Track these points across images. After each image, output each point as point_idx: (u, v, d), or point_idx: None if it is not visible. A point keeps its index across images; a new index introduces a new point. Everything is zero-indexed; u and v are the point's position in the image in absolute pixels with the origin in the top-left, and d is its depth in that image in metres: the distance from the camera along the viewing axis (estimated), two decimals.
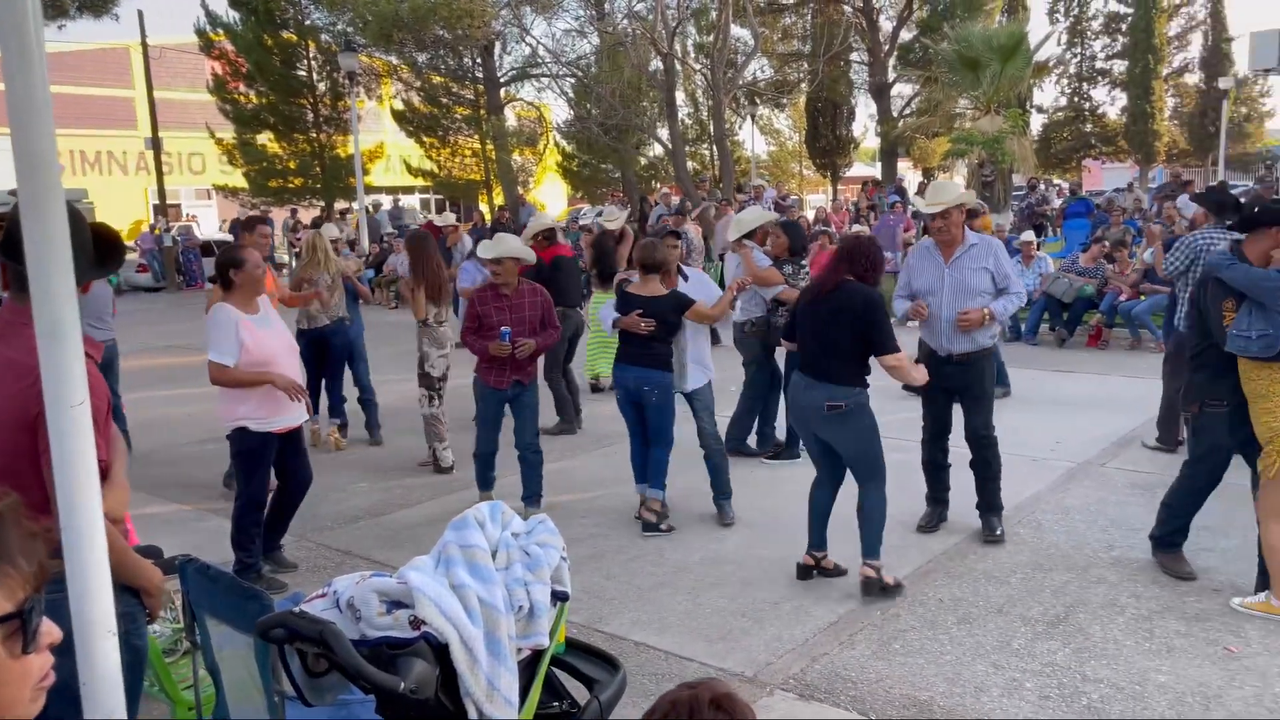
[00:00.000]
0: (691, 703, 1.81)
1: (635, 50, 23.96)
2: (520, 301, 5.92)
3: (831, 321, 4.63)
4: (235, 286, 4.98)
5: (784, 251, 7.14)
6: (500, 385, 5.92)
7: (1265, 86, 35.98)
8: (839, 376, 4.63)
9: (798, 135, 40.74)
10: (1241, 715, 3.56)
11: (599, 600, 4.84)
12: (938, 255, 5.38)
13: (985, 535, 5.44)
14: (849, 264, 4.70)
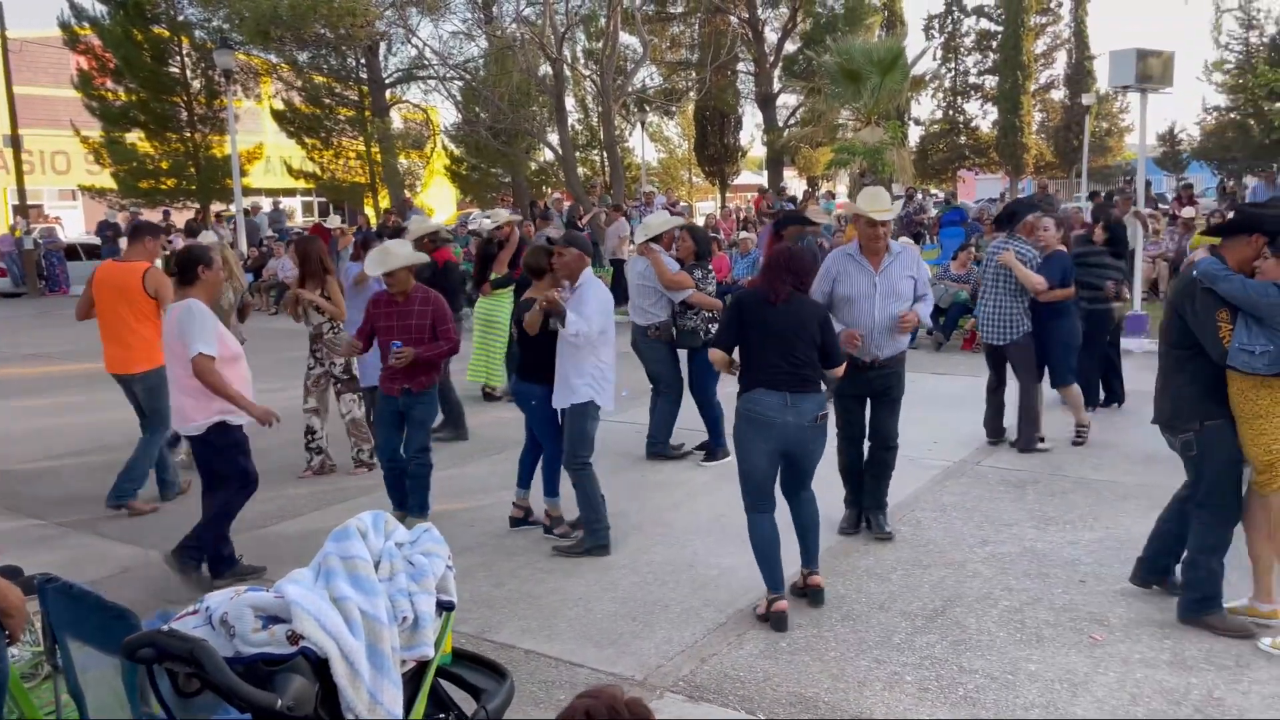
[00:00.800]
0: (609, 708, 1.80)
1: (524, 54, 23.83)
2: (410, 309, 5.86)
3: (798, 333, 4.47)
4: (199, 283, 5.05)
5: (690, 256, 7.19)
6: (390, 392, 5.89)
7: (1124, 103, 38.01)
8: (816, 383, 4.52)
9: (687, 143, 41.21)
10: (1106, 700, 3.75)
11: (488, 609, 4.78)
12: (864, 262, 5.36)
13: (876, 533, 5.57)
14: (793, 275, 4.53)
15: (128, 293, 6.29)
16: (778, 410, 4.41)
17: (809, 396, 4.44)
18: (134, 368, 6.37)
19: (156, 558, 5.59)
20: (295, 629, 2.19)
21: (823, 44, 25.49)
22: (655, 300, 7.12)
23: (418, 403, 5.87)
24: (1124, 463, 6.89)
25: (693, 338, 7.15)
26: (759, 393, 4.45)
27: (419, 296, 5.90)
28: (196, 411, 5.00)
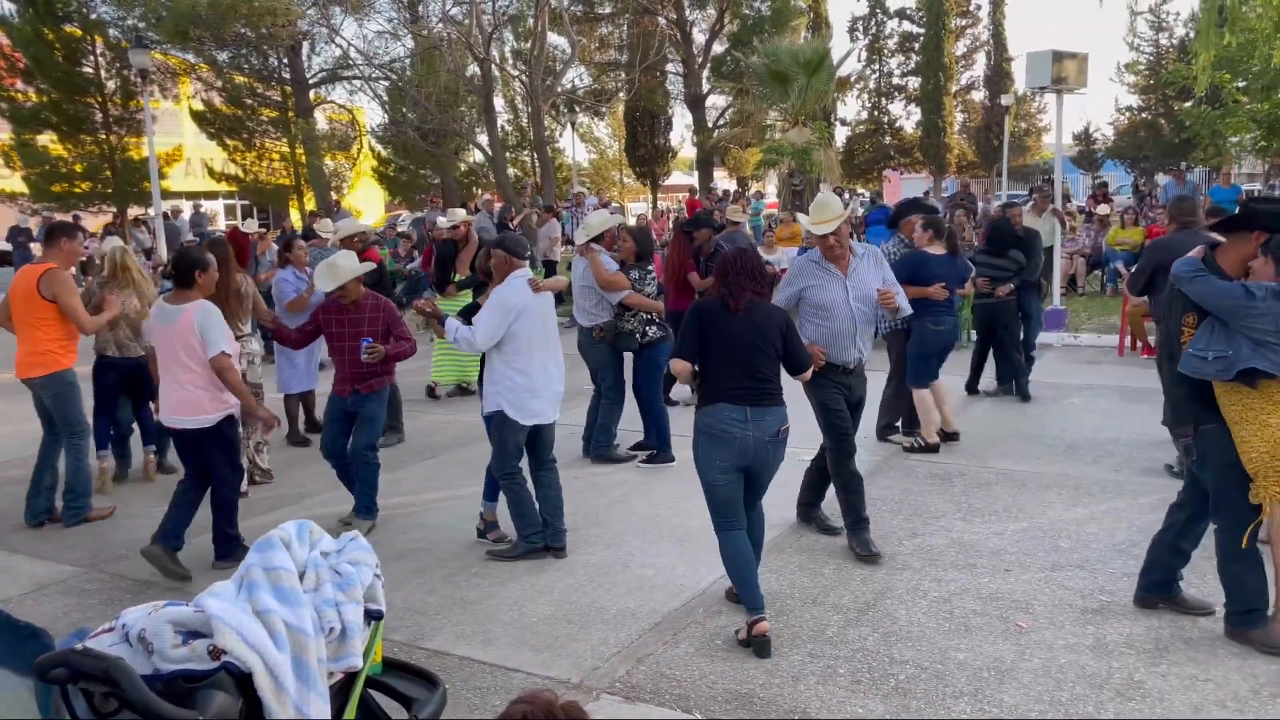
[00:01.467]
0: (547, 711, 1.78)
1: (451, 54, 23.60)
2: (361, 316, 5.94)
3: (758, 344, 4.31)
4: (197, 286, 5.36)
5: (631, 256, 7.16)
6: (341, 393, 6.00)
7: (1041, 104, 39.12)
8: (778, 396, 4.36)
9: (618, 144, 41.24)
10: (1031, 686, 3.84)
11: (421, 616, 4.72)
12: (833, 269, 5.24)
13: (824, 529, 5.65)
14: (752, 280, 4.35)
15: (29, 297, 6.09)
16: (738, 425, 4.26)
17: (770, 410, 4.30)
18: (34, 372, 6.14)
19: (72, 573, 5.42)
20: (217, 643, 2.13)
21: (750, 45, 25.71)
22: (597, 301, 7.08)
23: (366, 402, 5.96)
24: (1046, 454, 7.07)
25: (630, 340, 7.13)
26: (720, 407, 4.29)
27: (369, 304, 5.99)
28: (212, 405, 5.34)
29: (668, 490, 6.56)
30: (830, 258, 5.23)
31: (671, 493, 6.49)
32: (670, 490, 6.55)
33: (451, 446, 7.87)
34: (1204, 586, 4.58)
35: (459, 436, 8.18)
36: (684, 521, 5.91)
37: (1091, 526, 5.56)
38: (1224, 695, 3.70)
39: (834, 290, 5.20)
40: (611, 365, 7.25)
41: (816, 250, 5.32)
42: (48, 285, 6.06)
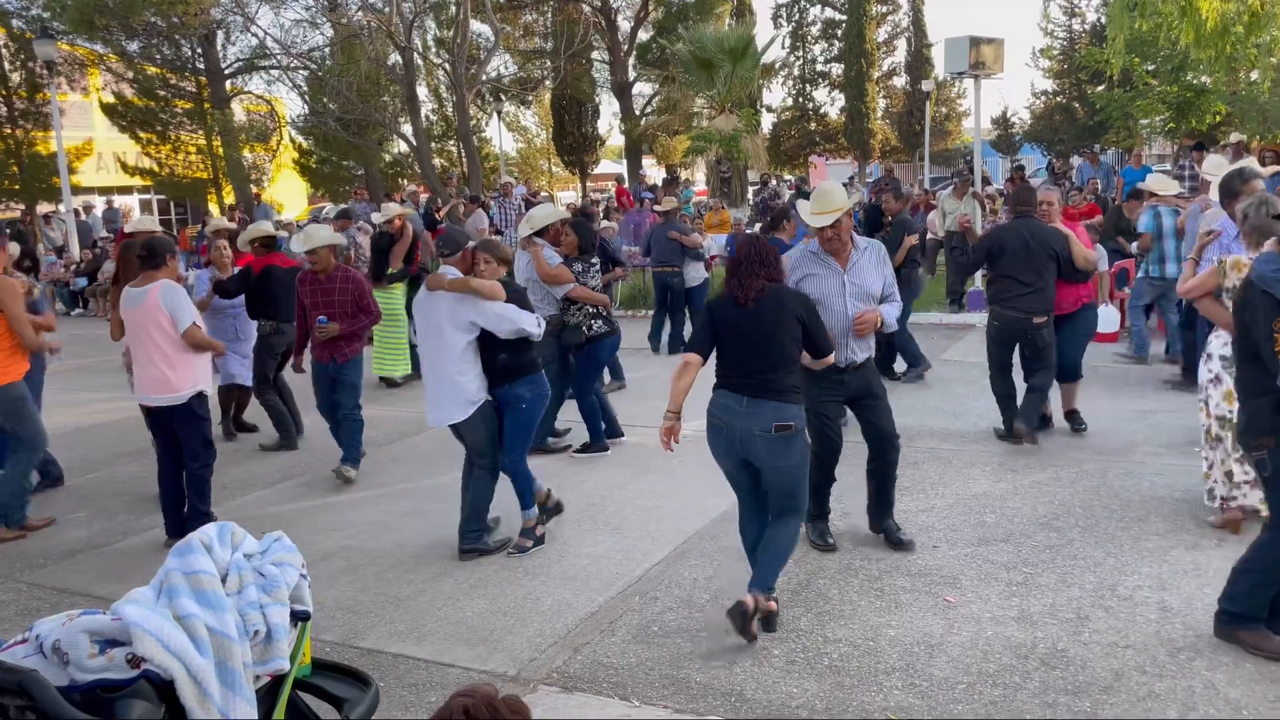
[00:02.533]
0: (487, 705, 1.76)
1: (372, 43, 23.17)
2: (332, 286, 6.69)
3: (772, 330, 4.15)
4: (165, 268, 5.57)
5: (574, 250, 7.09)
6: (321, 359, 6.77)
7: (960, 89, 39.92)
8: (785, 392, 4.15)
9: (545, 133, 41.01)
10: (960, 659, 3.93)
11: (353, 615, 4.65)
12: (831, 262, 4.95)
13: (894, 543, 5.13)
14: (763, 266, 4.21)
15: None
16: (733, 414, 4.18)
17: (769, 404, 4.11)
18: None
19: None
20: (136, 651, 2.07)
21: (675, 32, 25.72)
22: (542, 295, 6.99)
23: (343, 370, 6.77)
24: (970, 432, 7.23)
25: (575, 334, 7.02)
26: (720, 394, 4.27)
27: (340, 275, 6.74)
28: (181, 382, 5.53)
29: (602, 480, 6.56)
30: (829, 250, 4.95)
31: (606, 482, 6.50)
32: (605, 480, 6.56)
33: (382, 442, 7.76)
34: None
35: (391, 432, 8.08)
36: (619, 510, 5.92)
37: (1015, 501, 5.70)
38: (1143, 660, 3.83)
39: (829, 284, 4.93)
40: (557, 359, 7.15)
41: (815, 242, 5.04)
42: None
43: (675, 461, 6.64)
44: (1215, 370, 5.11)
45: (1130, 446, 6.62)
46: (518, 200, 18.57)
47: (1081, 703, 3.56)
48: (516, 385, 5.27)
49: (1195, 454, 6.31)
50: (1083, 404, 7.14)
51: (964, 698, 3.64)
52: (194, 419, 5.61)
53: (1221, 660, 3.79)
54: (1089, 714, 3.48)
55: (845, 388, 5.01)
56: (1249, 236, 4.71)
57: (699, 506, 5.85)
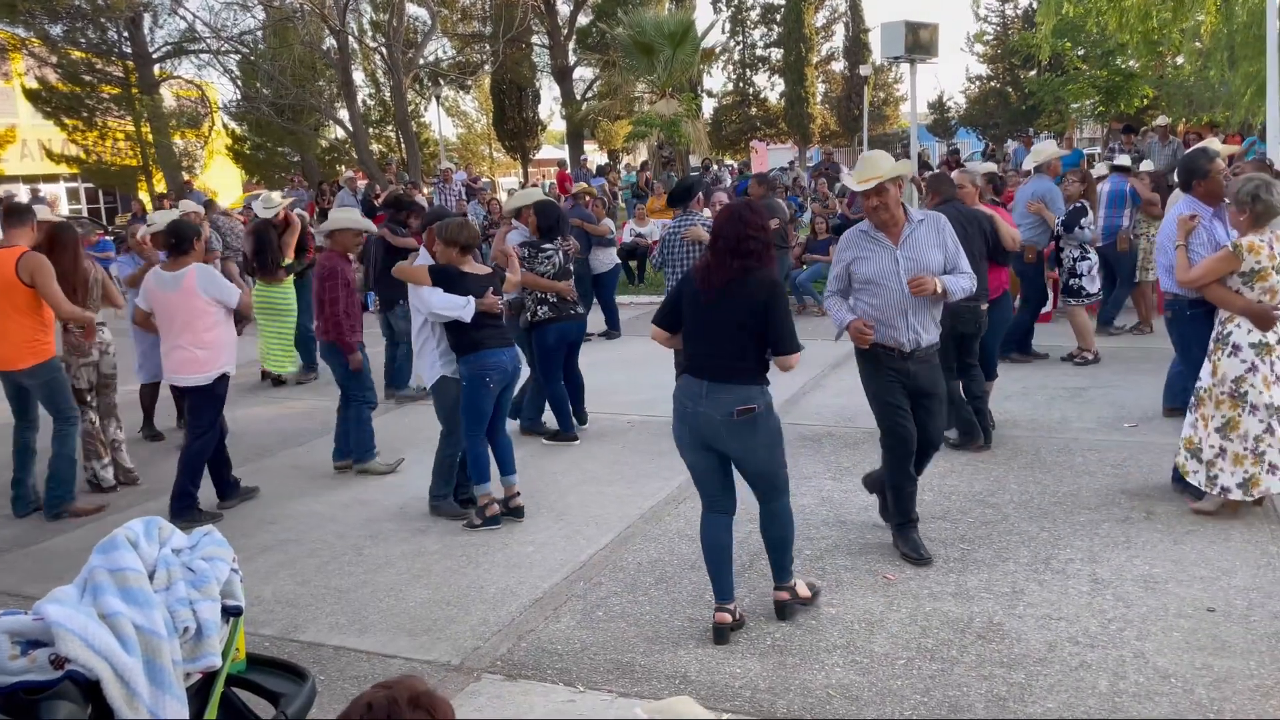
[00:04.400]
0: (389, 703, 1.73)
1: (305, 26, 22.70)
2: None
3: (731, 316, 3.92)
4: (193, 252, 5.81)
5: (535, 232, 6.99)
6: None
7: (898, 74, 40.38)
8: (746, 375, 3.94)
9: (485, 118, 40.62)
10: (899, 635, 3.99)
11: (293, 608, 4.57)
12: (883, 238, 4.55)
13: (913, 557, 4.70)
14: (736, 256, 3.90)
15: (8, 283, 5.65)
16: (693, 399, 3.96)
17: (730, 388, 3.90)
18: (19, 363, 5.78)
19: None
20: (59, 652, 2.01)
21: (614, 17, 25.63)
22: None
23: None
24: None
25: (516, 319, 6.97)
26: (683, 379, 4.05)
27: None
28: (209, 363, 5.74)
29: (545, 467, 6.53)
30: (877, 223, 4.55)
31: (549, 469, 6.48)
32: (548, 467, 6.53)
33: (320, 433, 7.64)
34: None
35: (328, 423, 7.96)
36: (562, 496, 5.91)
37: (952, 479, 5.80)
38: (1075, 632, 3.93)
39: (882, 261, 4.54)
40: (525, 342, 7.10)
41: (867, 220, 4.65)
42: (26, 269, 5.64)
43: (618, 448, 6.66)
44: (1250, 360, 4.83)
45: (1063, 423, 6.78)
46: (458, 186, 18.39)
47: (1016, 674, 3.64)
48: (460, 363, 5.47)
49: (1128, 430, 6.51)
50: (1018, 381, 7.28)
51: (903, 673, 3.70)
52: (211, 399, 5.84)
53: (1150, 630, 3.90)
54: (1023, 684, 3.56)
55: (911, 379, 4.59)
56: (1258, 218, 4.74)
57: (642, 491, 5.86)
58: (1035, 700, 3.47)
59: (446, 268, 5.44)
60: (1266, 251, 4.76)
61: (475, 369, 5.40)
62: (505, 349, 5.50)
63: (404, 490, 6.19)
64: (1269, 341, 4.81)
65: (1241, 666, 3.60)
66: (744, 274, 3.90)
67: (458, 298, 5.33)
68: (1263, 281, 4.78)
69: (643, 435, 7.07)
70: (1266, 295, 4.80)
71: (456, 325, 5.38)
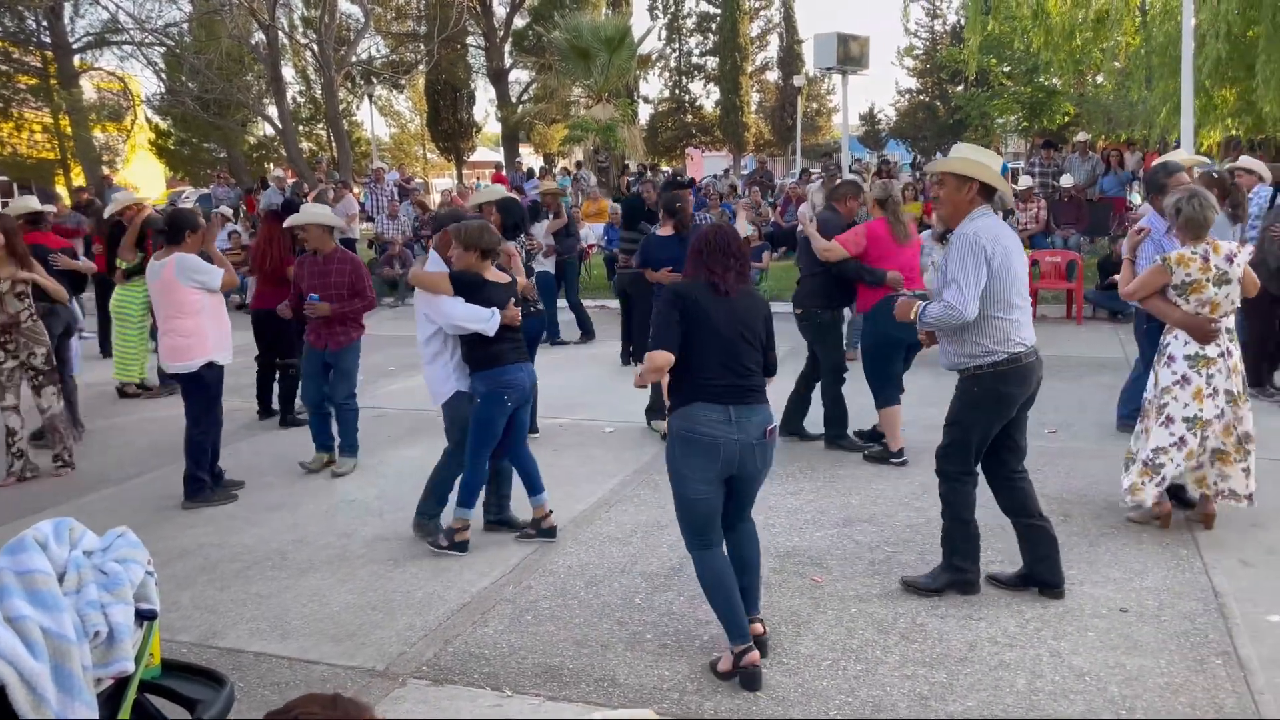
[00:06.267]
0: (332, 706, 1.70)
1: (233, 19, 22.19)
2: (329, 267, 6.53)
3: (747, 330, 3.71)
4: (185, 244, 5.87)
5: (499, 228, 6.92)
6: (316, 345, 6.56)
7: (830, 85, 41.00)
8: (763, 392, 3.77)
9: (419, 118, 40.19)
10: (825, 636, 4.04)
11: (212, 614, 4.46)
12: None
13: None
14: (737, 259, 3.76)
15: None
16: (720, 427, 3.63)
17: (757, 409, 3.70)
18: None
19: None
20: None
21: (551, 20, 25.60)
22: None
23: (340, 357, 6.56)
24: None
25: None
26: (697, 408, 3.65)
27: (338, 256, 6.59)
28: (193, 351, 5.81)
29: None
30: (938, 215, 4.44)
31: None
32: None
33: (243, 436, 7.48)
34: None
35: (253, 425, 7.79)
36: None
37: (879, 482, 5.90)
38: (995, 632, 4.02)
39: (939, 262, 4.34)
40: None
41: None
42: None
43: (550, 451, 6.62)
44: (1181, 371, 4.87)
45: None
46: (390, 186, 18.14)
47: (938, 674, 3.71)
48: (474, 378, 4.99)
49: (1048, 436, 6.68)
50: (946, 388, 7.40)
51: (828, 673, 3.74)
52: (200, 386, 5.87)
53: (1066, 630, 4.01)
54: (945, 683, 3.63)
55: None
56: (1184, 230, 4.79)
57: (573, 494, 5.84)
58: (956, 699, 3.54)
59: (470, 275, 4.93)
60: (1199, 264, 4.75)
61: (493, 386, 4.94)
62: (523, 365, 5.08)
63: (331, 494, 6.09)
64: (1207, 354, 4.83)
65: (1152, 665, 3.71)
66: (741, 279, 3.75)
67: (481, 309, 4.86)
68: (1197, 294, 4.79)
69: (574, 438, 7.05)
70: (1205, 308, 4.80)
71: (474, 339, 4.91)
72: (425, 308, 5.04)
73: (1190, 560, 4.65)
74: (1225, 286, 4.78)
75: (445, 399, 5.16)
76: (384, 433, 7.34)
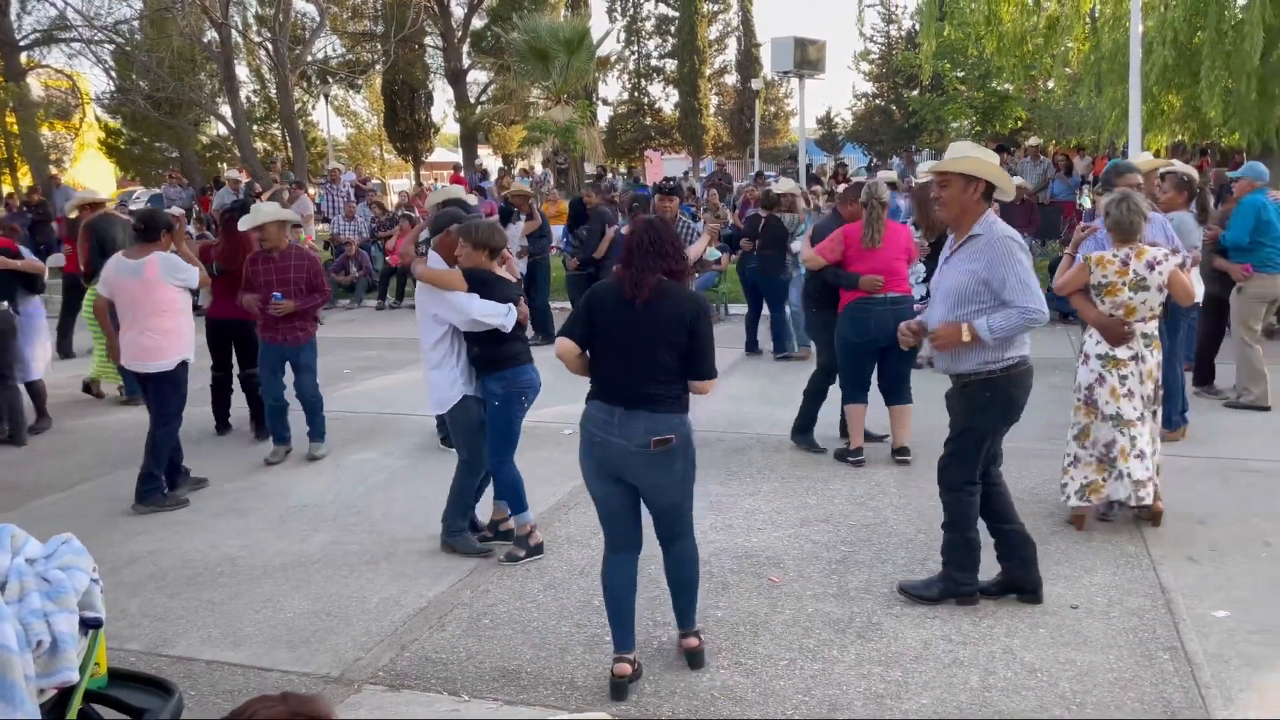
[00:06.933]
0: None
1: (185, 17, 21.84)
2: (286, 264, 6.60)
3: (653, 334, 3.57)
4: (159, 242, 5.95)
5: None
6: (274, 341, 6.66)
7: (788, 89, 41.25)
8: (663, 402, 3.58)
9: (376, 118, 39.83)
10: (783, 636, 4.06)
11: (162, 622, 4.38)
12: (951, 241, 4.18)
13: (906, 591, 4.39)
14: (661, 258, 3.59)
15: None
16: (603, 428, 3.60)
17: (645, 416, 3.55)
18: None
19: None
20: None
21: (509, 21, 25.49)
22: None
23: (299, 353, 6.71)
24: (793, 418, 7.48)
25: None
26: (591, 406, 3.68)
27: (295, 253, 6.70)
28: (171, 349, 5.87)
29: (433, 474, 6.41)
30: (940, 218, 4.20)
31: (437, 476, 6.35)
32: (436, 474, 6.41)
33: (197, 439, 7.35)
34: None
35: (204, 429, 7.66)
36: None
37: (835, 483, 5.94)
38: (949, 630, 4.07)
39: (939, 270, 4.25)
40: None
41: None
42: None
43: None
44: (1097, 370, 4.98)
45: (939, 430, 6.98)
46: (346, 187, 17.98)
47: (894, 672, 3.74)
48: (489, 380, 4.84)
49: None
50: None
51: (785, 673, 3.76)
52: (175, 385, 5.93)
53: (1018, 628, 4.07)
54: (900, 682, 3.67)
55: (949, 402, 4.30)
56: (1112, 232, 4.87)
57: (530, 497, 5.78)
58: (911, 696, 3.57)
59: (483, 272, 4.82)
60: (1117, 267, 4.85)
61: (512, 386, 4.81)
62: (533, 365, 4.97)
63: (284, 499, 6.01)
64: (1117, 355, 4.93)
65: (1102, 660, 3.78)
66: (664, 282, 3.59)
67: (498, 305, 4.76)
68: (1112, 296, 4.88)
69: (530, 440, 7.00)
70: (1120, 310, 4.90)
71: (490, 337, 4.78)
72: (435, 307, 4.87)
73: (1138, 557, 4.74)
74: (1143, 292, 4.86)
75: (452, 405, 4.99)
76: (340, 436, 7.26)
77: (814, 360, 7.10)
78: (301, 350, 6.71)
